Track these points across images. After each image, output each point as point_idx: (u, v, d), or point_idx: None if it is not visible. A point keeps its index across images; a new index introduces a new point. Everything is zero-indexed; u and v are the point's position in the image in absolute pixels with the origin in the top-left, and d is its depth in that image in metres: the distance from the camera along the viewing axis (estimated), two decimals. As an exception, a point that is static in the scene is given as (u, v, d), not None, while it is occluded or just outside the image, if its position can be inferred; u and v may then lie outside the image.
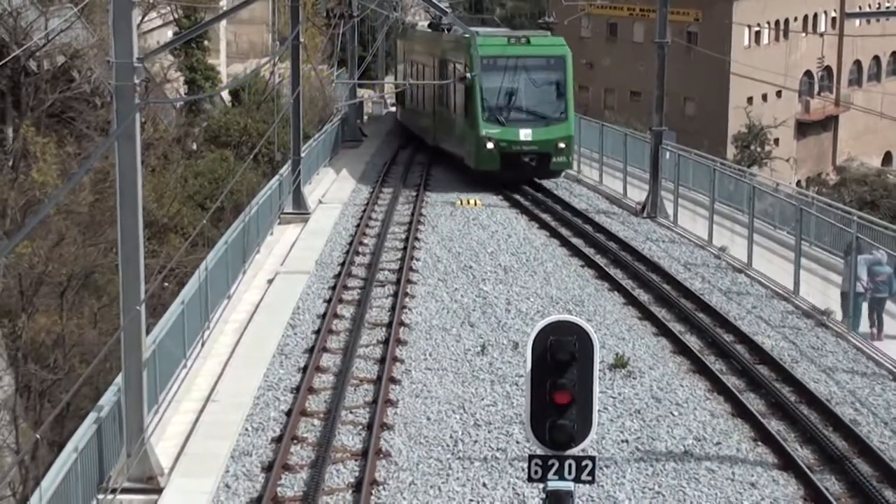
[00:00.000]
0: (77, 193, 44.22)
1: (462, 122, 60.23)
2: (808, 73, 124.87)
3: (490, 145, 57.05)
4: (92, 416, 24.67)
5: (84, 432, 24.04)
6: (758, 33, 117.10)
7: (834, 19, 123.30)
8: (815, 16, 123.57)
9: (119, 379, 25.76)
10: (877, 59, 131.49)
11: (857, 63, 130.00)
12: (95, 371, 32.18)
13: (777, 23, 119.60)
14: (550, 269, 43.78)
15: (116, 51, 24.85)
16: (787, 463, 27.71)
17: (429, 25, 76.30)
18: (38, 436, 37.16)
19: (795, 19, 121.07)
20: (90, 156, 40.35)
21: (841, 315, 38.04)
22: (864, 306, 37.43)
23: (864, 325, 37.13)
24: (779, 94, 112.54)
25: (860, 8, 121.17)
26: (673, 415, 30.68)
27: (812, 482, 26.54)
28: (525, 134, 57.34)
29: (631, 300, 39.68)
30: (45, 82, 51.70)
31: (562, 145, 57.68)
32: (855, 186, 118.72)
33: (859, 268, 37.04)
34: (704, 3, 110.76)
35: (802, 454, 28.05)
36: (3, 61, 45.00)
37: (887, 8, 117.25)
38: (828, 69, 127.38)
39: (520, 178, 58.19)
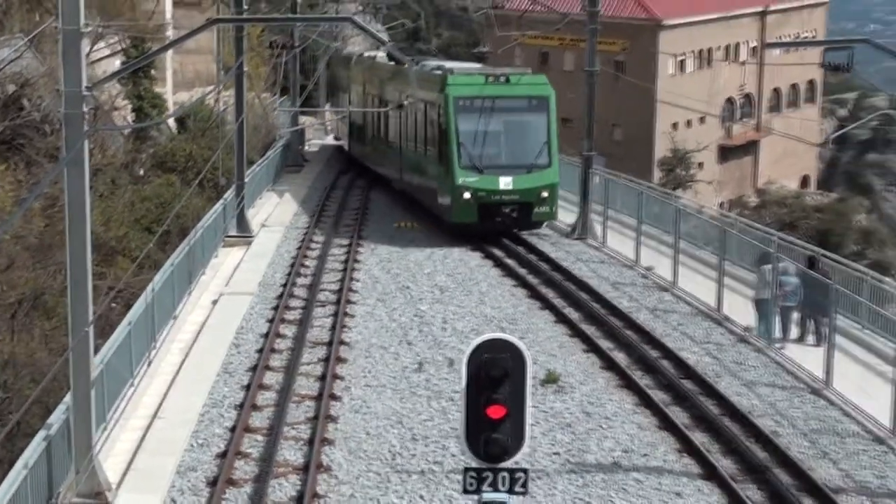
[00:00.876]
0: (29, 219, 44.05)
1: (435, 169, 51.46)
2: (729, 100, 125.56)
3: (467, 195, 48.46)
4: (41, 433, 24.54)
5: (34, 450, 23.89)
6: (682, 62, 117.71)
7: (754, 48, 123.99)
8: (737, 45, 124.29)
9: (68, 398, 25.64)
10: (794, 86, 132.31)
11: (777, 90, 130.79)
12: (45, 390, 31.96)
13: (700, 52, 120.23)
14: (485, 289, 43.85)
15: (66, 80, 24.74)
16: (710, 473, 27.81)
17: (389, 57, 66.83)
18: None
19: (718, 48, 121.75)
20: (40, 182, 40.15)
21: (755, 322, 38.80)
22: (777, 314, 38.22)
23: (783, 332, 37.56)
24: (702, 119, 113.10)
25: (779, 38, 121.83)
26: (602, 428, 30.77)
27: (735, 492, 26.66)
28: (505, 182, 48.54)
29: (561, 318, 39.75)
30: (-5, 110, 51.54)
31: (545, 194, 49.21)
32: (775, 208, 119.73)
33: (767, 276, 38.02)
34: (631, 34, 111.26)
35: (725, 464, 28.16)
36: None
37: (804, 38, 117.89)
38: (748, 96, 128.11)
39: (499, 230, 49.58)
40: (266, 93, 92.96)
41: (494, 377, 18.50)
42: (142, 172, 63.84)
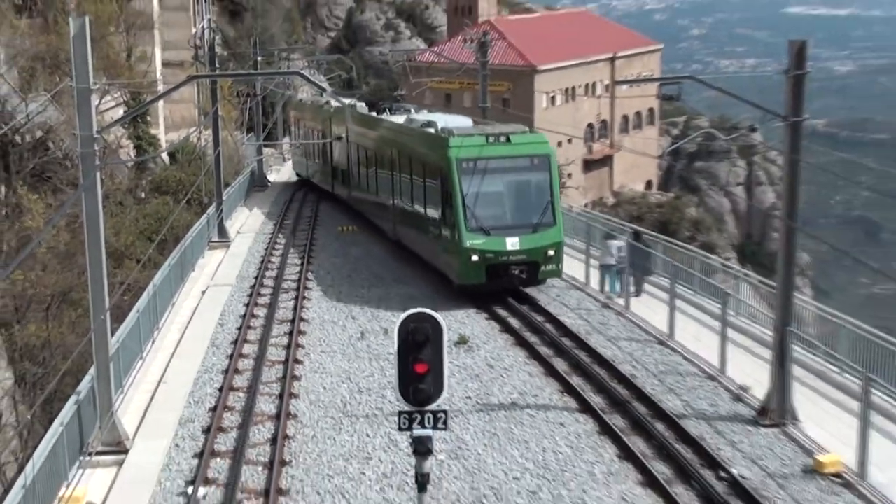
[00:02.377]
0: (57, 233, 43.80)
1: (438, 229, 40.54)
2: (590, 125, 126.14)
3: (475, 258, 38.15)
4: (73, 398, 24.49)
5: (67, 411, 23.90)
6: (553, 97, 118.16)
7: (607, 85, 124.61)
8: (594, 84, 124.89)
9: (92, 370, 25.60)
10: (639, 113, 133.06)
11: (625, 117, 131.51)
12: (74, 365, 31.77)
13: (566, 90, 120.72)
14: (409, 276, 43.81)
15: (80, 126, 24.71)
16: (585, 407, 27.94)
17: (375, 108, 57.93)
18: (29, 416, 36.81)
19: (580, 86, 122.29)
20: (63, 204, 39.95)
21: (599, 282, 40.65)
22: (616, 277, 39.71)
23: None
24: (570, 140, 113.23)
25: (626, 77, 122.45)
26: (502, 377, 30.85)
27: (604, 420, 26.82)
28: (512, 243, 38.19)
29: (466, 294, 39.64)
30: (27, 151, 51.20)
31: (551, 253, 38.72)
32: (627, 205, 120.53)
33: (612, 249, 39.54)
34: (514, 77, 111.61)
35: (597, 400, 28.30)
36: (-5, 136, 44.88)
37: (644, 76, 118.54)
38: (604, 122, 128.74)
39: (506, 288, 39.05)
40: (236, 131, 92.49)
41: (419, 342, 18.54)
42: (143, 195, 63.41)
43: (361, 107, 57.87)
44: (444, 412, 18.87)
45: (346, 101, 59.65)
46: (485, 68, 56.60)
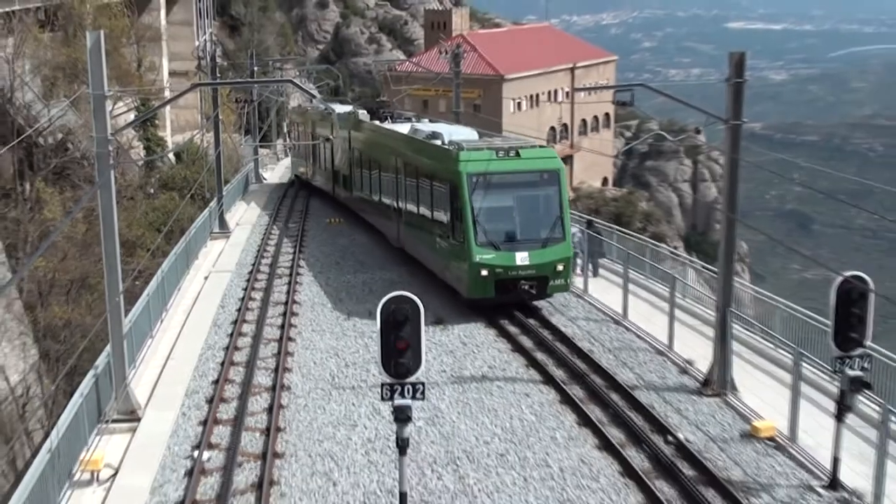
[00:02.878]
0: (75, 225, 43.74)
1: (447, 243, 36.37)
2: (552, 128, 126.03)
3: (484, 272, 34.15)
4: (91, 372, 24.50)
5: (86, 383, 23.93)
6: (519, 103, 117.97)
7: (567, 92, 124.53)
8: (556, 91, 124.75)
9: (108, 347, 25.60)
10: (596, 117, 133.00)
11: (584, 120, 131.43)
12: (92, 343, 31.81)
13: (531, 96, 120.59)
14: (390, 263, 43.81)
15: (96, 129, 24.70)
16: (548, 379, 28.02)
17: (376, 115, 53.34)
18: (53, 389, 36.80)
19: (543, 93, 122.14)
20: (81, 199, 39.92)
21: None
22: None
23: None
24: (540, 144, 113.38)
25: (584, 84, 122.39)
26: (474, 352, 30.92)
27: (565, 391, 26.92)
28: (521, 258, 34.25)
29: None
30: (49, 151, 51.17)
31: (560, 267, 34.63)
32: (585, 200, 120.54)
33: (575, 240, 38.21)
34: (484, 85, 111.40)
35: (559, 374, 28.38)
36: (20, 138, 44.82)
37: (601, 84, 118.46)
38: (565, 125, 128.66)
39: (514, 302, 35.03)
40: (235, 133, 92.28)
41: (399, 321, 18.66)
42: (152, 191, 63.31)
43: (363, 114, 53.44)
44: (422, 384, 19.03)
45: (346, 108, 58.68)
46: (458, 77, 56.60)
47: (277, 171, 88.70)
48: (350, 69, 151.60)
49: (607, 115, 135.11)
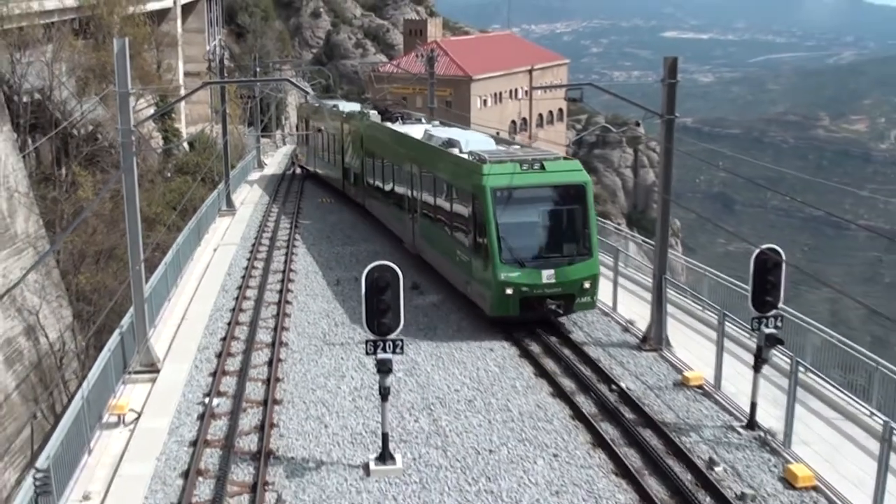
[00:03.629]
0: (103, 204, 43.61)
1: (469, 257, 30.05)
2: (513, 122, 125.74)
3: (509, 291, 28.15)
4: (117, 330, 24.44)
5: (113, 340, 23.88)
6: (485, 100, 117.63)
7: (526, 91, 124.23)
8: (516, 89, 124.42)
9: (131, 309, 25.52)
10: (551, 112, 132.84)
11: (541, 115, 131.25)
12: (117, 305, 31.69)
13: (495, 94, 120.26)
14: (374, 237, 43.68)
15: (121, 121, 24.56)
16: (508, 336, 27.99)
17: (386, 115, 47.63)
18: (85, 345, 36.60)
19: (505, 92, 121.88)
20: (108, 182, 39.77)
21: None
22: None
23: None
24: (498, 133, 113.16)
25: (541, 83, 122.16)
26: (447, 314, 30.89)
27: (523, 346, 26.88)
28: (548, 276, 28.22)
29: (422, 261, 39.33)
30: (81, 141, 51.05)
31: (587, 285, 28.75)
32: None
33: None
34: (455, 84, 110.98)
35: (518, 332, 28.45)
36: (57, 129, 44.90)
37: (555, 83, 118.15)
38: (524, 119, 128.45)
39: (539, 319, 28.89)
40: (240, 125, 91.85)
41: (381, 287, 18.64)
42: (169, 175, 63.00)
43: (374, 115, 48.23)
44: (402, 340, 19.05)
45: (353, 106, 56.68)
46: (432, 77, 56.42)
47: (277, 157, 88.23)
48: (339, 70, 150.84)
49: (561, 110, 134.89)
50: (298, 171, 67.89)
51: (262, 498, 18.59)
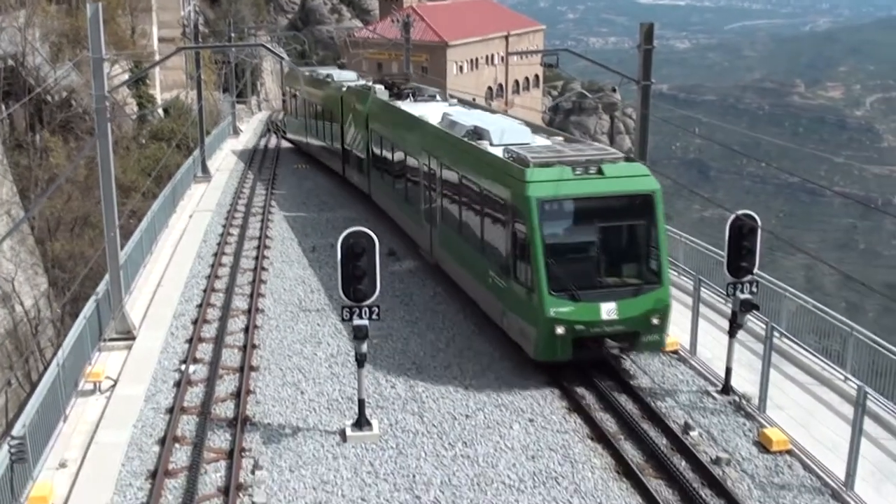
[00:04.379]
0: (77, 170, 43.36)
1: (509, 285, 23.10)
2: (489, 88, 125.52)
3: (560, 330, 21.55)
4: (92, 298, 24.39)
5: (89, 307, 23.85)
6: (461, 67, 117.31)
7: (502, 57, 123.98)
8: (493, 55, 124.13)
9: (107, 276, 25.44)
10: (527, 79, 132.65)
11: (517, 81, 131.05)
12: (93, 272, 31.57)
13: (472, 60, 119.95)
14: (350, 203, 43.60)
15: (95, 87, 24.43)
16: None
17: (394, 90, 40.08)
18: (60, 312, 36.46)
19: (482, 57, 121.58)
20: (83, 149, 39.52)
21: None
22: None
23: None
24: (474, 100, 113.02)
25: (517, 49, 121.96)
26: (423, 280, 30.92)
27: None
28: (608, 310, 21.63)
29: (392, 223, 38.55)
30: (55, 107, 50.71)
31: (656, 321, 22.14)
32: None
33: None
34: (430, 50, 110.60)
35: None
36: (30, 95, 44.60)
37: (531, 49, 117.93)
38: (500, 85, 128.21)
39: (596, 360, 22.59)
40: (215, 91, 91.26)
41: (357, 253, 18.62)
42: (143, 141, 62.57)
43: (381, 91, 40.10)
44: (378, 306, 19.06)
45: (349, 74, 51.79)
46: (408, 43, 56.29)
47: (252, 124, 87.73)
48: (315, 35, 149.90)
49: (537, 76, 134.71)
50: (285, 144, 66.65)
51: (239, 464, 18.62)
